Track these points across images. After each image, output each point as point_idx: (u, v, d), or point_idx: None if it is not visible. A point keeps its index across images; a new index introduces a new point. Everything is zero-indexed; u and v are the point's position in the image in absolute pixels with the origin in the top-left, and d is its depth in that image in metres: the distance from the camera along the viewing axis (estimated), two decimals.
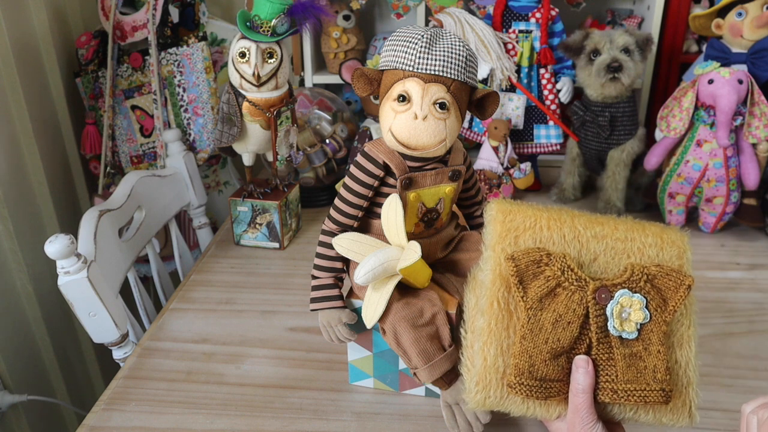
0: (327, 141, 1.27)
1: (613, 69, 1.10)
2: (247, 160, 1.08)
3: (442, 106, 0.61)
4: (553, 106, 1.29)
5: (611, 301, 0.57)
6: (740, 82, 1.03)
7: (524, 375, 0.56)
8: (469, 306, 0.62)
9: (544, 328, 0.56)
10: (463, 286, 0.66)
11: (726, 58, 1.14)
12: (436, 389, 0.71)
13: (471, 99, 0.65)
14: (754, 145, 1.08)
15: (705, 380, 0.67)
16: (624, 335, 0.56)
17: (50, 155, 1.25)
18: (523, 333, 0.57)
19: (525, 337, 0.56)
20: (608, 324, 0.57)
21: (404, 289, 0.68)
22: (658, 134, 1.15)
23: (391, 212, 0.65)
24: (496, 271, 0.59)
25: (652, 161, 1.15)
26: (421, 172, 0.66)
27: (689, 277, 0.57)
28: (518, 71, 1.27)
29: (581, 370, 0.56)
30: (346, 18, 1.39)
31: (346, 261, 0.72)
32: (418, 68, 0.61)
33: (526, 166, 1.25)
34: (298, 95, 1.29)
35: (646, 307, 0.56)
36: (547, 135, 1.30)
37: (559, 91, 1.29)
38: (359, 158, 0.67)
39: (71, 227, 1.28)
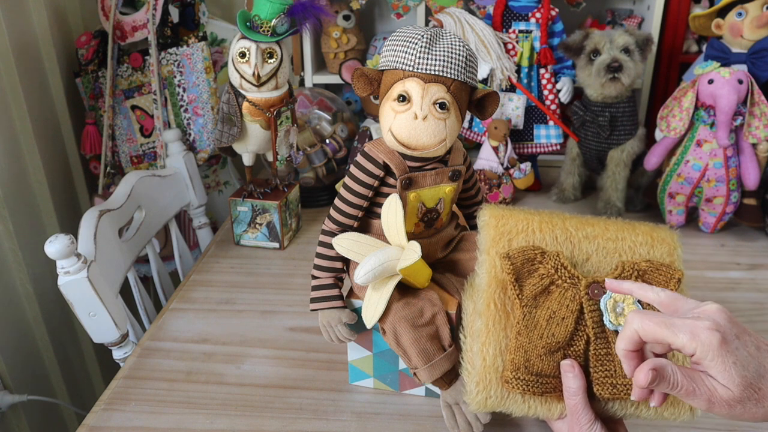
0: (327, 141, 1.27)
1: (613, 69, 1.10)
2: (247, 160, 1.08)
3: (442, 106, 0.61)
4: (553, 106, 1.29)
5: (604, 296, 0.57)
6: (740, 82, 1.03)
7: (520, 370, 0.56)
8: (467, 311, 0.63)
9: (538, 324, 0.57)
10: (462, 291, 0.66)
11: (726, 58, 1.14)
12: (436, 389, 0.71)
13: (471, 99, 0.65)
14: (754, 145, 1.08)
15: None
16: (620, 330, 0.56)
17: (50, 155, 1.25)
18: (518, 329, 0.57)
19: (520, 332, 0.57)
20: (604, 319, 0.58)
21: (404, 289, 0.68)
22: (658, 134, 1.15)
23: (391, 212, 0.65)
24: (492, 273, 0.60)
25: (652, 161, 1.15)
26: (421, 172, 0.66)
27: (679, 271, 0.58)
28: (518, 71, 1.27)
29: (569, 374, 0.56)
30: (346, 18, 1.39)
31: (346, 261, 0.72)
32: (418, 68, 0.61)
33: (526, 166, 1.25)
34: (298, 95, 1.29)
35: (639, 301, 0.57)
36: (547, 135, 1.30)
37: (559, 91, 1.29)
38: (359, 158, 0.67)
39: (71, 227, 1.28)
